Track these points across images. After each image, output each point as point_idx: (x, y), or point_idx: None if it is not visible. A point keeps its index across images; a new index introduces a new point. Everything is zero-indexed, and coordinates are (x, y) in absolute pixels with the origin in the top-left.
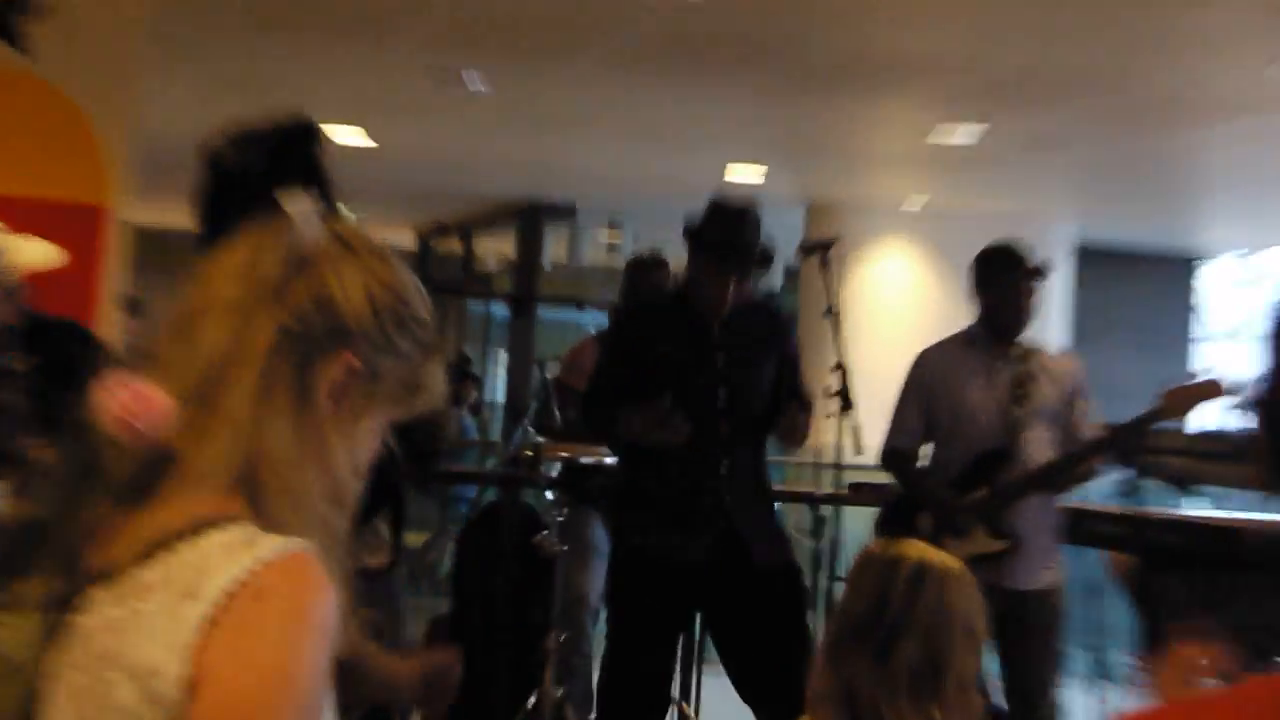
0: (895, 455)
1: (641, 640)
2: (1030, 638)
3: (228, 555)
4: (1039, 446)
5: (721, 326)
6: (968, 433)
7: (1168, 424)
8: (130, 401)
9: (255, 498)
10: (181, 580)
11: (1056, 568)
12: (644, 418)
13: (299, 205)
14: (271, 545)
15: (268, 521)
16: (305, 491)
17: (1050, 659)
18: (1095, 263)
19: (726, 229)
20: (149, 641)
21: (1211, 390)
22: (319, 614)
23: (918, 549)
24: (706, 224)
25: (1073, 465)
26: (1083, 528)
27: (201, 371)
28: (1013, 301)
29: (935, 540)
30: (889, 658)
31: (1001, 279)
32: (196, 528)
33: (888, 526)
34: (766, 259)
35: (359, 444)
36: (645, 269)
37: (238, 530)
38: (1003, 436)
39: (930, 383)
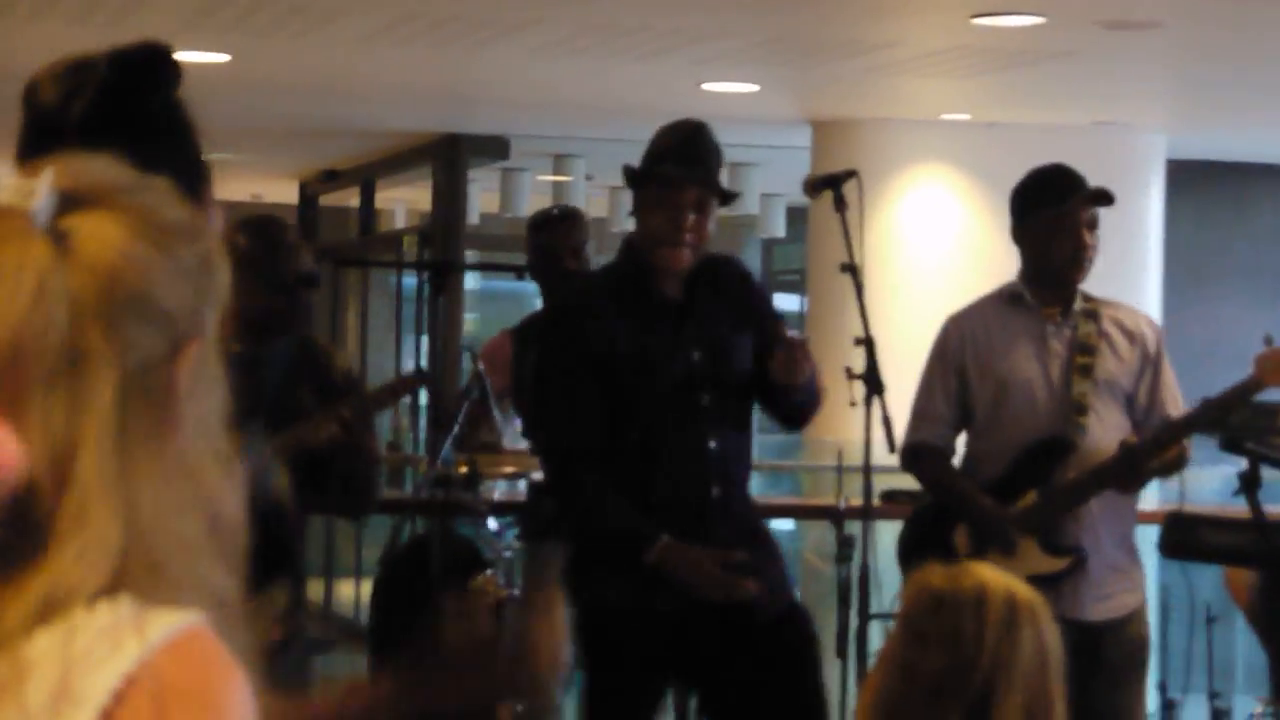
0: (920, 452)
1: (616, 712)
2: (1108, 680)
3: (112, 642)
4: (1108, 432)
5: (685, 302)
6: (1014, 417)
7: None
8: None
9: (124, 578)
10: (50, 678)
11: (1137, 589)
12: (700, 566)
13: (8, 184)
14: (162, 626)
15: (139, 594)
16: (183, 558)
17: (1136, 706)
18: (1197, 182)
19: (673, 146)
20: None
21: None
22: (231, 708)
23: (996, 577)
24: (651, 146)
25: (1148, 456)
26: (1191, 539)
27: (43, 445)
28: (1064, 241)
29: (976, 560)
30: None
31: (1045, 213)
32: (53, 606)
33: (915, 547)
34: (731, 192)
35: (209, 423)
36: (553, 229)
37: (118, 608)
38: (1059, 421)
39: (962, 356)
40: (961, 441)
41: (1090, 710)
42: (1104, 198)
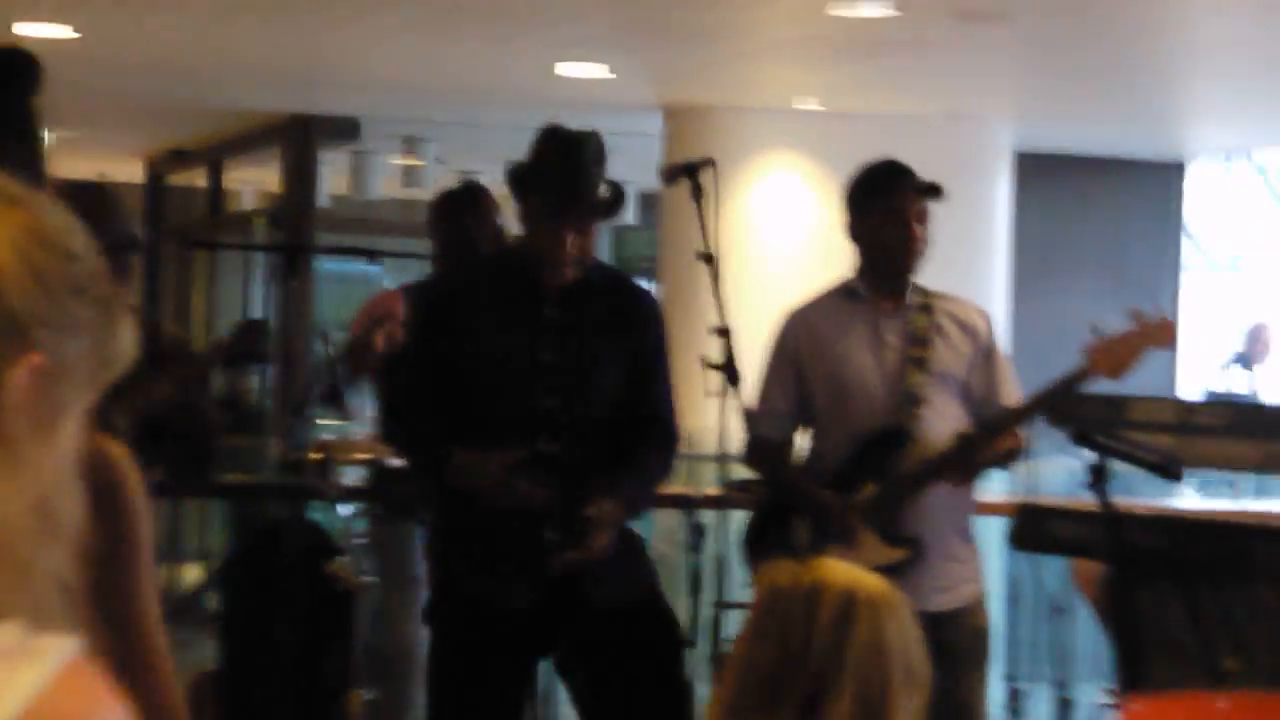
0: (760, 447)
1: (468, 703)
2: (951, 668)
3: (6, 674)
4: (944, 424)
5: (562, 304)
6: (851, 410)
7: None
8: None
9: None
10: None
11: (975, 580)
12: (485, 474)
13: None
14: (53, 655)
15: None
16: (23, 546)
17: (979, 690)
18: (1044, 174)
19: (559, 164)
20: None
21: (1152, 336)
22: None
23: (838, 572)
24: (533, 159)
25: (981, 445)
26: (1041, 531)
27: None
28: (893, 233)
29: (817, 553)
30: (817, 716)
31: (876, 205)
32: None
33: (757, 540)
34: (616, 202)
35: (64, 451)
36: (457, 207)
37: (4, 634)
38: (895, 413)
39: (798, 349)
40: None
41: (938, 699)
42: (932, 190)
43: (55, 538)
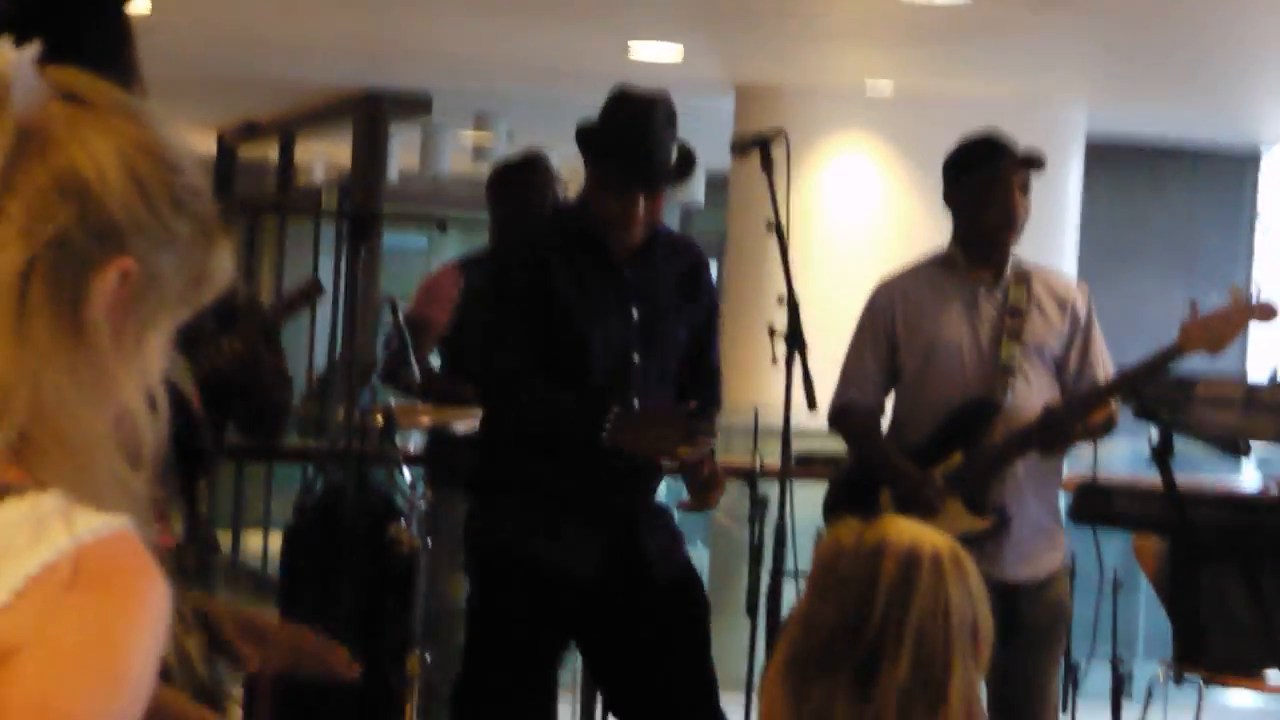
0: (848, 413)
1: (509, 669)
2: (1025, 642)
3: (35, 533)
4: (1034, 396)
5: (632, 263)
6: (942, 380)
7: (1210, 370)
8: None
9: (37, 467)
10: None
11: (1058, 552)
12: (656, 432)
13: (4, 55)
14: (91, 524)
15: (58, 480)
16: (93, 450)
17: (1051, 670)
18: (1116, 161)
19: (631, 129)
20: None
21: (1248, 315)
22: (150, 611)
23: (903, 530)
24: (604, 123)
25: (1072, 418)
26: (1101, 506)
27: None
28: (995, 205)
29: None
30: (874, 679)
31: (978, 177)
32: None
33: (839, 508)
34: (685, 166)
35: (149, 367)
36: (515, 177)
37: (46, 502)
38: (986, 384)
39: (893, 319)
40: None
41: (1007, 672)
42: (1035, 162)
43: (134, 456)
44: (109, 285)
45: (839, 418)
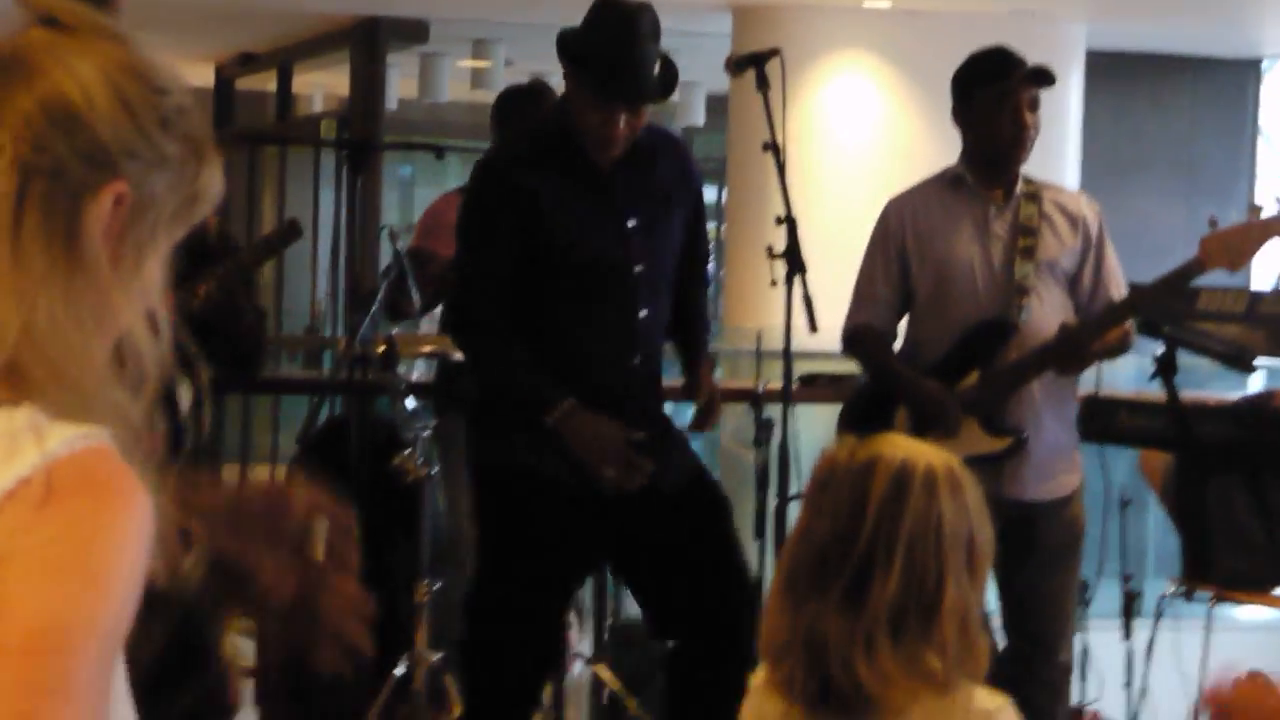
0: (862, 334)
1: (521, 574)
2: (1042, 561)
3: (8, 448)
4: (1049, 314)
5: (620, 174)
6: (955, 300)
7: (1214, 281)
8: None
9: (24, 391)
10: None
11: (1075, 470)
12: (603, 435)
13: None
14: (62, 438)
15: (44, 404)
16: (88, 375)
17: (1069, 588)
18: (1115, 72)
19: (614, 40)
20: None
21: (1268, 230)
22: (128, 516)
23: (897, 446)
24: (586, 32)
25: (1089, 337)
26: (1107, 422)
27: None
28: (1005, 121)
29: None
30: (865, 595)
31: (988, 92)
32: None
33: (854, 428)
34: (669, 80)
35: (148, 288)
36: (521, 105)
37: (19, 416)
38: (1000, 303)
39: (904, 239)
40: (903, 326)
41: (1026, 590)
42: (1045, 76)
43: (133, 380)
44: (104, 210)
45: (853, 341)
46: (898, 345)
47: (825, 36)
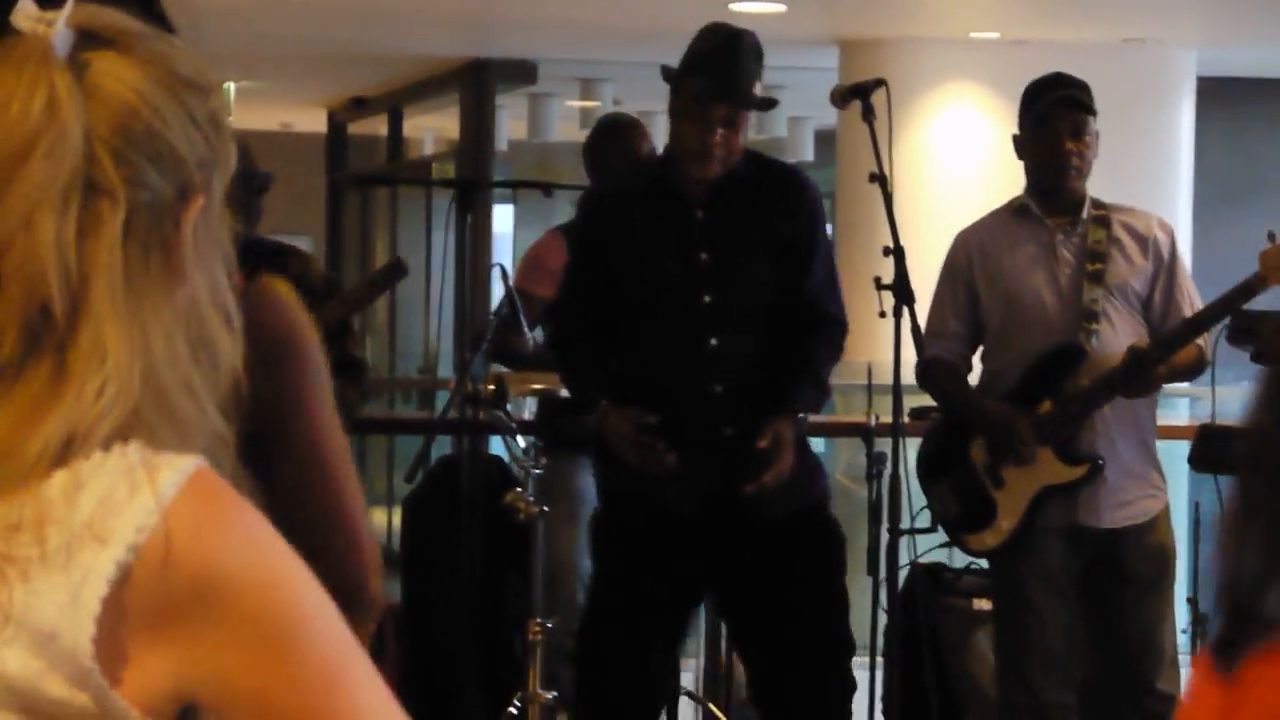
0: (934, 368)
1: (629, 608)
2: (1132, 592)
3: (129, 487)
4: (1121, 338)
5: (707, 204)
6: (1024, 328)
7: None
8: None
9: (134, 428)
10: (70, 519)
11: (1158, 495)
12: (618, 428)
13: (28, 12)
14: (171, 471)
15: (150, 436)
16: (191, 401)
17: (1162, 616)
18: (1227, 98)
19: (714, 48)
20: (39, 598)
21: None
22: (250, 530)
23: None
24: (689, 48)
25: (1155, 359)
26: (1219, 451)
27: (57, 267)
28: (1043, 147)
29: (993, 473)
30: None
31: (1025, 117)
32: (73, 446)
33: (932, 464)
34: (767, 101)
35: (217, 284)
36: (615, 137)
37: (127, 453)
38: (1070, 330)
39: (971, 270)
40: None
41: (1117, 619)
42: (1071, 101)
43: (211, 377)
44: (191, 228)
45: (924, 374)
46: (974, 378)
47: (933, 68)
